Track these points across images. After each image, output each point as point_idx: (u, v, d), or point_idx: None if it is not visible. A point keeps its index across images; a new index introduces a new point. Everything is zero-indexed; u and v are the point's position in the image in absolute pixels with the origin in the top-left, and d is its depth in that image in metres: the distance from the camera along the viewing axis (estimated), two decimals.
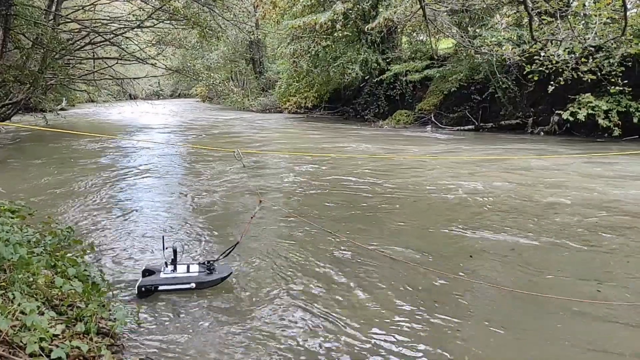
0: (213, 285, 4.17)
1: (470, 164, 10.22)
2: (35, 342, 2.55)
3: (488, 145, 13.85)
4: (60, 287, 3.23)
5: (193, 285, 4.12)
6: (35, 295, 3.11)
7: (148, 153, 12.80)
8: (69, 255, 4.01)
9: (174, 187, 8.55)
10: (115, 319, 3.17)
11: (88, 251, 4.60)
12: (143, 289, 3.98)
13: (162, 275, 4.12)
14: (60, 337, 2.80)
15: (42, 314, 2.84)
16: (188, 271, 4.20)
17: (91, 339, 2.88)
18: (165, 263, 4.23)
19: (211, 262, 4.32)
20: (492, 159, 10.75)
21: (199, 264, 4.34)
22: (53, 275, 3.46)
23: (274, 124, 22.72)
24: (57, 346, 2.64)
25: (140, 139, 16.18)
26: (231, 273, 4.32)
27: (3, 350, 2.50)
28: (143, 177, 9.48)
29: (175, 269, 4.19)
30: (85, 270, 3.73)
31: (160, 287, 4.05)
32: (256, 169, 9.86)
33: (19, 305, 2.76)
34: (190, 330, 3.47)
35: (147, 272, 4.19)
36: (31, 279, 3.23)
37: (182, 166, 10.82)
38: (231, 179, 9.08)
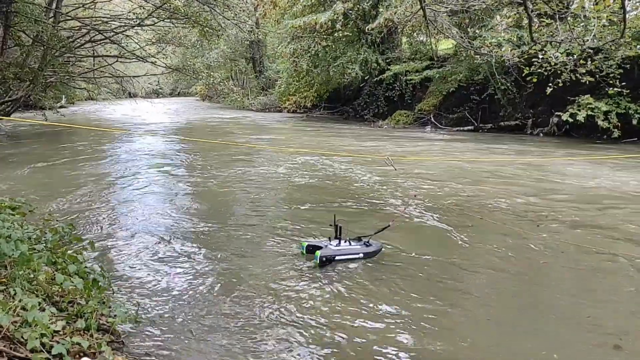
0: (373, 256, 4.83)
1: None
2: (36, 338, 2.56)
3: (483, 145, 13.91)
4: (61, 283, 3.24)
5: (361, 255, 4.79)
6: (36, 292, 3.12)
7: (154, 150, 12.82)
8: (69, 252, 4.03)
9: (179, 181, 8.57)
10: (115, 315, 3.19)
11: (88, 248, 4.61)
12: (324, 259, 4.63)
13: (333, 247, 4.76)
14: (60, 333, 2.81)
15: (43, 310, 2.85)
16: (351, 245, 4.84)
17: (92, 336, 2.89)
18: (329, 238, 4.92)
19: (362, 237, 4.95)
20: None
21: (353, 239, 4.93)
22: (54, 272, 3.47)
23: (285, 124, 22.71)
24: (58, 342, 2.65)
25: (181, 137, 16.18)
26: (382, 247, 4.96)
27: (4, 346, 2.51)
28: (154, 175, 9.51)
29: (339, 243, 4.81)
30: (85, 267, 3.74)
31: (337, 258, 4.70)
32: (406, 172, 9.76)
33: (20, 301, 2.78)
34: (191, 327, 3.49)
35: (311, 247, 4.83)
36: (32, 276, 3.24)
37: (199, 163, 10.83)
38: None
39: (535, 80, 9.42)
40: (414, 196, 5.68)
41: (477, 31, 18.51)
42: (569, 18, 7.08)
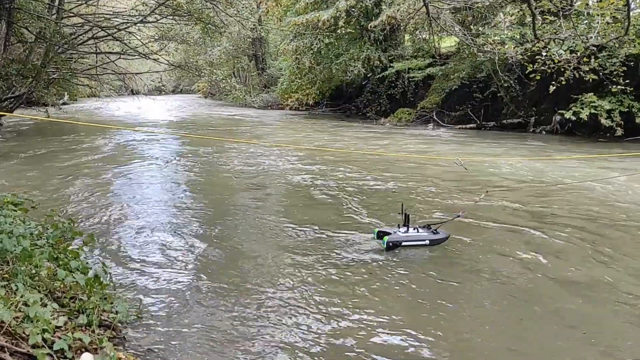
0: (439, 243, 5.12)
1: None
2: (38, 334, 2.57)
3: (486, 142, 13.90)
4: (63, 279, 3.25)
5: (427, 242, 5.11)
6: (37, 287, 3.12)
7: (156, 146, 12.82)
8: (71, 248, 4.03)
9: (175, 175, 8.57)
10: (117, 311, 3.19)
11: (90, 243, 4.61)
12: (391, 244, 4.98)
13: (401, 234, 5.08)
14: (62, 328, 2.82)
15: (45, 305, 2.86)
16: (418, 232, 5.15)
17: (93, 331, 2.90)
18: (398, 225, 5.19)
19: (429, 226, 5.26)
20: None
21: (421, 227, 5.26)
22: (55, 268, 3.48)
23: (289, 121, 22.65)
24: (60, 338, 2.66)
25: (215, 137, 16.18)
26: (449, 235, 5.20)
27: (6, 341, 2.52)
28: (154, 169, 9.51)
29: (407, 230, 5.12)
30: (87, 263, 3.75)
31: (404, 243, 5.04)
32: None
33: (21, 296, 2.78)
34: (192, 323, 3.49)
35: (382, 233, 5.13)
36: (34, 271, 3.25)
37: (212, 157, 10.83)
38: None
39: (538, 78, 9.36)
40: (486, 192, 6.06)
41: (480, 28, 18.46)
42: (572, 15, 7.04)
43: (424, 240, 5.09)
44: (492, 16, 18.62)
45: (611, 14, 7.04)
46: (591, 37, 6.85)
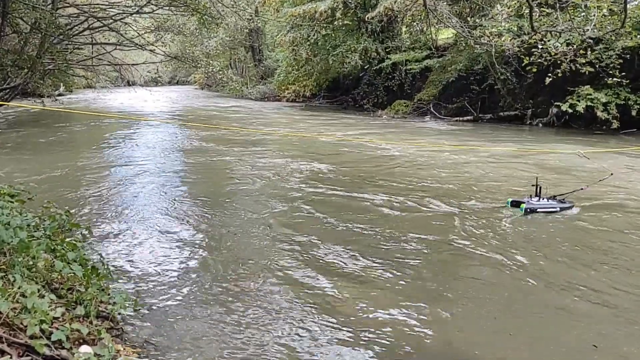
0: (566, 210, 5.91)
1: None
2: (36, 324, 2.57)
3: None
4: (60, 270, 3.25)
5: (558, 209, 5.90)
6: (35, 279, 3.13)
7: (152, 136, 12.77)
8: (68, 239, 4.04)
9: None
10: (115, 302, 3.20)
11: (87, 235, 4.63)
12: (528, 210, 5.77)
13: (534, 202, 5.90)
14: (60, 319, 2.82)
15: (43, 296, 2.86)
16: (548, 201, 5.97)
17: (91, 322, 2.91)
18: (530, 196, 6.02)
19: (554, 197, 6.09)
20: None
21: (549, 197, 6.05)
22: (53, 259, 3.48)
23: (292, 115, 22.56)
24: (57, 328, 2.67)
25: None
26: (574, 205, 6.04)
27: (4, 332, 2.53)
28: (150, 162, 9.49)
29: (539, 200, 5.93)
30: (84, 254, 3.76)
31: (539, 210, 5.83)
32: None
33: (19, 287, 2.79)
34: (191, 315, 3.51)
35: (515, 202, 5.94)
36: (31, 263, 3.25)
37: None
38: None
39: (535, 70, 9.38)
40: (610, 174, 6.81)
41: (477, 20, 18.38)
42: (569, 8, 7.04)
43: (556, 208, 5.88)
44: (490, 8, 18.56)
45: (608, 6, 7.05)
46: (588, 30, 6.86)
